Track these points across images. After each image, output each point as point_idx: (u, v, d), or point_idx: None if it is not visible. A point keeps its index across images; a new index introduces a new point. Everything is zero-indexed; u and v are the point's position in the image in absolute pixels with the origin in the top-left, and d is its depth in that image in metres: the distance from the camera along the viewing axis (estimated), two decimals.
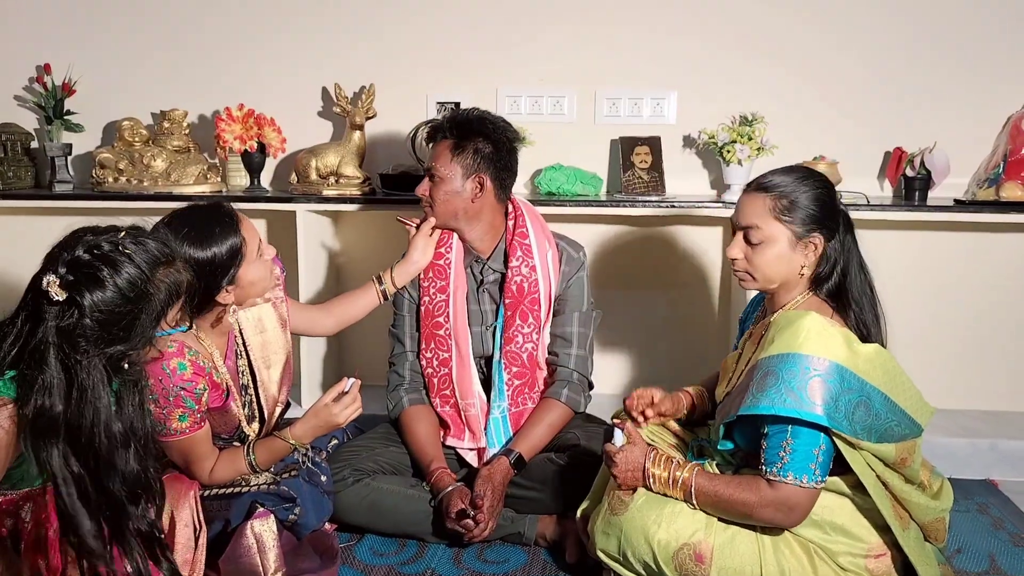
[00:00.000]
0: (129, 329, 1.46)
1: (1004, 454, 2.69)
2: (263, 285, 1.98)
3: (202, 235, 1.85)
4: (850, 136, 2.92)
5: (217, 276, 1.86)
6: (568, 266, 2.36)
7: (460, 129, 2.26)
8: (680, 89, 2.97)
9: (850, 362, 1.69)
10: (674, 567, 1.79)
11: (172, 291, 1.53)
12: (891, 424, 1.73)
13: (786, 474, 1.69)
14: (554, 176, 2.87)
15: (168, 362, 1.81)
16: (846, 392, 1.67)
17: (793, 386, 1.67)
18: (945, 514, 1.86)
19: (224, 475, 1.96)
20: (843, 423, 1.67)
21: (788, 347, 1.71)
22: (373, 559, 2.15)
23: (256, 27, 3.08)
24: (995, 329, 2.96)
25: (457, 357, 2.33)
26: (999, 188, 2.71)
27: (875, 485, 1.73)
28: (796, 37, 2.90)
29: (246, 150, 2.91)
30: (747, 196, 1.87)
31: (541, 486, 2.20)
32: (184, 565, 1.83)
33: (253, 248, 1.92)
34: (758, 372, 1.74)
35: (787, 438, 1.69)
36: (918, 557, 1.76)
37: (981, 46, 2.85)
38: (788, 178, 1.84)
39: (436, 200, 2.27)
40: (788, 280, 1.85)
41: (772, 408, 1.68)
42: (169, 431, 1.86)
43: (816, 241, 1.81)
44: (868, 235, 2.88)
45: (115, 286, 1.43)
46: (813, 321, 1.71)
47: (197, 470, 1.93)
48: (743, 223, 1.85)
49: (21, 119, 3.19)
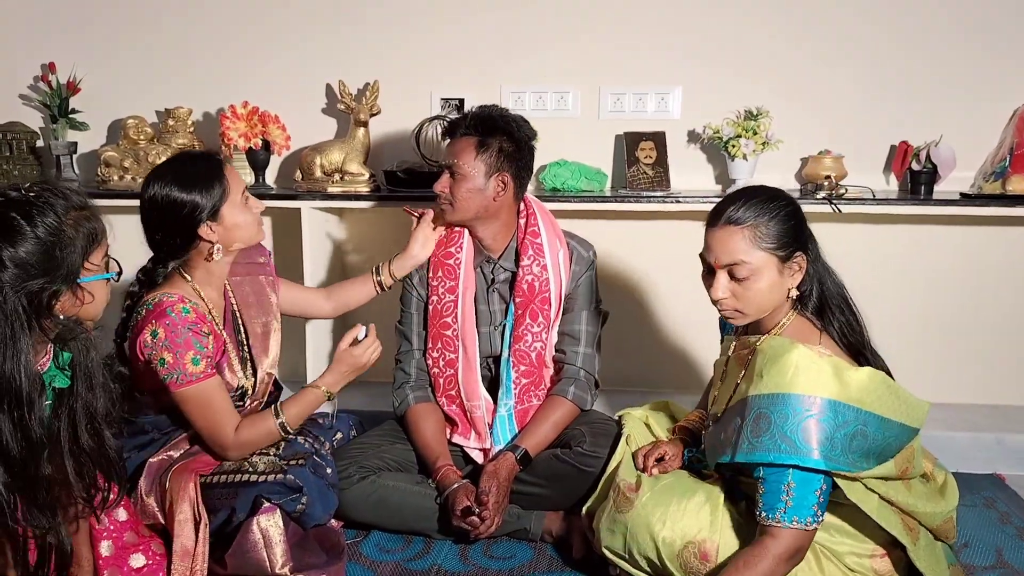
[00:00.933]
0: (47, 265, 1.44)
1: (1011, 448, 2.68)
2: (247, 232, 2.07)
3: (187, 172, 1.99)
4: (855, 130, 2.91)
5: (198, 212, 1.97)
6: (578, 265, 2.36)
7: (484, 126, 2.23)
8: (685, 84, 2.97)
9: (842, 395, 1.66)
10: (679, 565, 1.79)
11: (89, 234, 1.53)
12: (889, 440, 1.70)
13: (791, 519, 1.66)
14: (559, 172, 2.86)
15: (172, 307, 1.92)
16: (841, 427, 1.65)
17: (786, 431, 1.64)
18: (953, 513, 1.85)
19: (251, 437, 2.02)
20: (840, 460, 1.65)
21: (778, 387, 1.67)
22: (379, 555, 2.15)
23: (260, 25, 3.08)
24: (1001, 323, 2.95)
25: (464, 359, 2.32)
26: (1005, 181, 2.70)
27: (879, 509, 1.71)
28: (801, 31, 2.89)
29: (251, 148, 2.92)
30: (721, 232, 1.77)
31: (547, 482, 2.20)
32: (185, 556, 1.85)
33: (237, 191, 2.03)
34: (750, 412, 1.71)
35: (788, 481, 1.66)
36: (928, 565, 1.75)
37: (986, 39, 2.83)
38: (754, 205, 1.76)
39: (456, 197, 2.25)
40: (776, 306, 1.81)
41: (768, 456, 1.66)
42: (186, 376, 1.91)
43: (800, 261, 1.78)
44: (874, 229, 2.91)
45: (33, 234, 1.43)
46: (800, 356, 1.67)
47: (222, 432, 1.98)
48: (725, 261, 1.76)
49: (26, 118, 3.20)
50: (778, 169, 2.91)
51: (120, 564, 1.80)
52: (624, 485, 1.91)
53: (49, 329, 1.48)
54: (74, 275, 1.49)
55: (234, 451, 2.00)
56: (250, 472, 1.98)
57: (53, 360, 1.52)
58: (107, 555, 1.78)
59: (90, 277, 1.53)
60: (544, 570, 2.09)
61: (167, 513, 1.91)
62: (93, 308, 1.57)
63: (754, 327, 1.86)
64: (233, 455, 2.01)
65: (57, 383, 1.51)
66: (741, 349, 1.88)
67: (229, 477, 1.98)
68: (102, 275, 1.56)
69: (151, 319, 1.93)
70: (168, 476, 1.94)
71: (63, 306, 1.50)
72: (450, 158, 2.24)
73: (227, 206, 2.01)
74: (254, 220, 2.08)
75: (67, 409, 1.51)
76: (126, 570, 1.80)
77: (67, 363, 1.52)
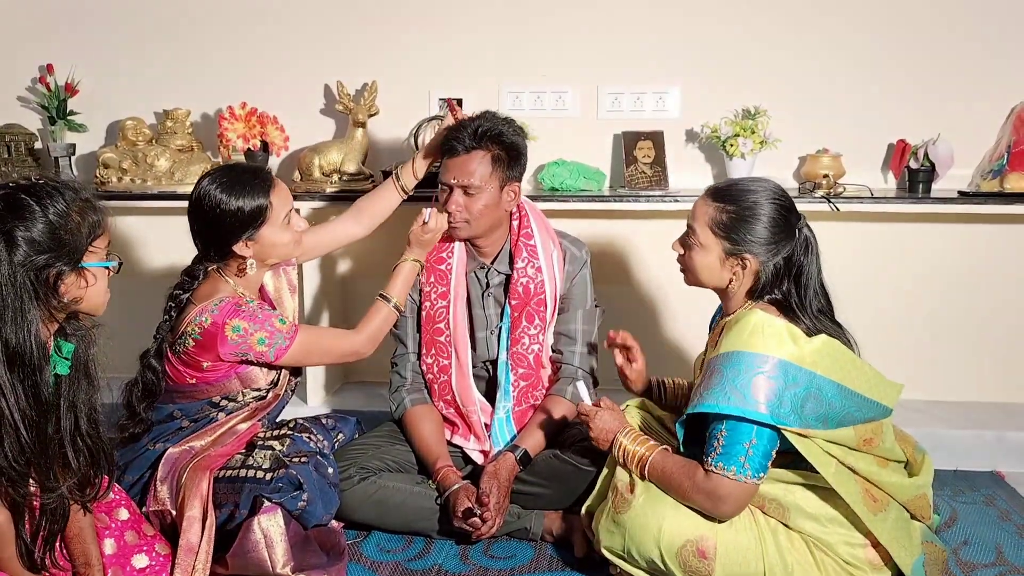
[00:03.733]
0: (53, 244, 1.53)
1: (1011, 446, 2.69)
2: (284, 251, 2.13)
3: (235, 186, 2.03)
4: (853, 128, 2.91)
5: (237, 228, 2.03)
6: (572, 265, 2.36)
7: (491, 139, 2.20)
8: (683, 83, 2.97)
9: (795, 356, 1.72)
10: (679, 564, 1.80)
11: (94, 222, 1.61)
12: (850, 409, 1.75)
13: (716, 464, 1.75)
14: (557, 172, 2.87)
15: (237, 302, 2.02)
16: (791, 387, 1.71)
17: (737, 384, 1.71)
18: (925, 490, 1.88)
19: (374, 331, 2.18)
20: (790, 417, 1.70)
21: (733, 345, 1.75)
22: (380, 555, 2.15)
23: (258, 25, 3.08)
24: (999, 320, 2.95)
25: (456, 365, 2.33)
26: (1003, 179, 2.71)
27: (837, 473, 1.76)
28: (798, 29, 2.89)
29: (249, 148, 2.92)
30: (701, 198, 1.91)
31: (547, 482, 2.20)
32: (189, 552, 1.85)
33: (280, 214, 2.07)
34: (706, 371, 1.79)
35: (722, 429, 1.74)
36: (892, 540, 1.77)
37: (983, 37, 2.84)
38: (745, 196, 1.84)
39: (473, 213, 2.21)
40: (719, 289, 1.91)
41: (716, 407, 1.73)
42: (285, 336, 2.03)
43: (747, 260, 1.83)
44: (872, 228, 2.91)
45: (43, 215, 1.52)
46: (758, 318, 1.76)
47: (345, 347, 2.15)
48: (688, 222, 1.91)
49: (25, 120, 3.20)
50: (776, 168, 2.91)
51: (123, 564, 1.80)
52: (622, 485, 1.91)
53: (55, 310, 1.56)
54: (78, 256, 1.57)
55: (367, 348, 2.18)
56: (255, 469, 1.99)
57: (55, 349, 1.58)
58: (110, 553, 1.79)
59: (93, 263, 1.60)
60: (544, 569, 2.09)
61: (178, 507, 1.92)
62: (95, 296, 1.63)
63: (724, 312, 1.96)
64: (369, 350, 2.18)
65: (59, 369, 1.58)
66: (716, 335, 1.94)
67: (235, 473, 1.99)
68: (104, 263, 1.64)
69: (223, 322, 1.98)
70: (185, 472, 1.95)
71: (68, 288, 1.57)
72: (462, 177, 2.19)
73: (267, 227, 2.05)
74: (291, 240, 2.12)
75: (68, 398, 1.59)
76: (128, 570, 1.81)
77: (69, 353, 1.59)
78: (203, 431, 2.08)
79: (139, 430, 2.07)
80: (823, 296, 1.87)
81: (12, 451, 1.49)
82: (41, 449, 1.54)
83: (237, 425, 2.12)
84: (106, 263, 1.64)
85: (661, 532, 1.81)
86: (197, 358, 2.02)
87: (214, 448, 2.04)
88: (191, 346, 2.01)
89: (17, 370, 1.49)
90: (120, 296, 1.87)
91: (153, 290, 2.38)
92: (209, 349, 2.00)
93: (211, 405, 2.10)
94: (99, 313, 1.67)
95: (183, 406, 2.09)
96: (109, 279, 1.67)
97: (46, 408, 1.54)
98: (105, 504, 1.82)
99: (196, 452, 2.02)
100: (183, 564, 1.85)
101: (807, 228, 1.86)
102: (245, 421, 2.13)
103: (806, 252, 1.84)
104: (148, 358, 2.08)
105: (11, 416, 1.48)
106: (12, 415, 1.48)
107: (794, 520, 1.81)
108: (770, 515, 1.83)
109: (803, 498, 1.81)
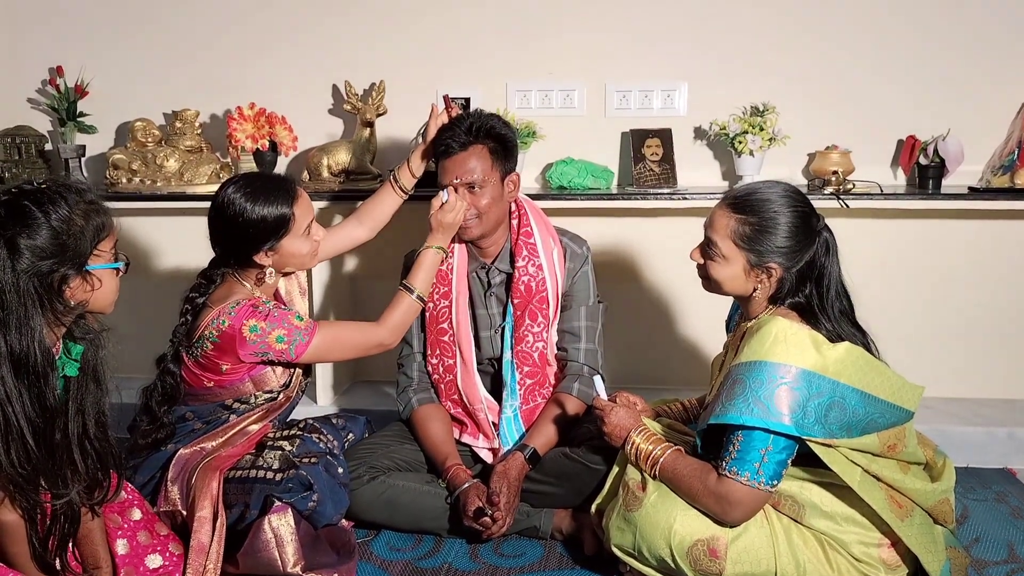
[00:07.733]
0: (56, 249, 1.53)
1: (1022, 443, 2.67)
2: (303, 260, 2.14)
3: (259, 195, 2.03)
4: (862, 125, 2.90)
5: (258, 237, 2.03)
6: (572, 262, 2.36)
7: (486, 132, 2.22)
8: (691, 80, 2.96)
9: (818, 365, 1.70)
10: (689, 563, 1.79)
11: (98, 224, 1.61)
12: (873, 416, 1.74)
13: (731, 468, 1.74)
14: (565, 170, 2.87)
15: (254, 303, 2.02)
16: (815, 397, 1.69)
17: (760, 395, 1.69)
18: (948, 495, 1.86)
19: (398, 321, 2.17)
20: (815, 428, 1.69)
21: (755, 355, 1.73)
22: (390, 554, 2.16)
23: (266, 26, 3.09)
24: (1012, 316, 2.93)
25: (461, 364, 2.33)
26: (1014, 175, 2.69)
27: (862, 481, 1.74)
28: (807, 26, 2.88)
29: (258, 149, 2.92)
30: (720, 209, 1.86)
31: (556, 480, 2.21)
32: (200, 552, 1.86)
33: (302, 225, 2.08)
34: (728, 380, 1.77)
35: (738, 435, 1.73)
36: (920, 545, 1.76)
37: (993, 32, 2.82)
38: (765, 206, 1.81)
39: (482, 209, 2.23)
40: (742, 296, 1.88)
41: (740, 419, 1.71)
42: (305, 332, 2.02)
43: (773, 268, 1.81)
44: (882, 224, 2.90)
45: (46, 222, 1.52)
46: (780, 326, 1.73)
47: (368, 339, 2.14)
48: (707, 234, 1.87)
49: (35, 121, 3.22)
50: (785, 165, 2.91)
51: (136, 564, 1.82)
52: (633, 483, 1.91)
53: (61, 314, 1.56)
54: (83, 260, 1.57)
55: (391, 338, 2.17)
56: (265, 469, 2.00)
57: (63, 351, 1.59)
58: (123, 554, 1.80)
59: (99, 265, 1.60)
60: (554, 568, 2.09)
61: (189, 508, 1.93)
62: (103, 297, 1.63)
63: (744, 316, 1.93)
64: (394, 341, 2.18)
65: (68, 371, 1.59)
66: (737, 339, 1.91)
67: (245, 473, 2.00)
68: (111, 264, 1.64)
69: (241, 323, 1.98)
70: (195, 473, 1.96)
71: (73, 292, 1.57)
72: (464, 175, 2.20)
73: (288, 237, 2.06)
74: (310, 250, 2.13)
75: (77, 401, 1.60)
76: (142, 570, 1.82)
77: (79, 355, 1.60)
78: (215, 432, 2.09)
79: (162, 435, 2.07)
80: (844, 296, 1.85)
81: (19, 457, 1.50)
82: (48, 454, 1.54)
83: (248, 426, 2.13)
84: (113, 264, 1.64)
85: (672, 530, 1.80)
86: (216, 361, 2.03)
87: (225, 449, 2.05)
88: (209, 349, 2.02)
89: (23, 377, 1.50)
90: (129, 297, 1.88)
91: (163, 291, 2.40)
92: (228, 351, 2.01)
93: (223, 407, 2.11)
94: (108, 312, 1.68)
95: (196, 408, 2.10)
96: (119, 279, 1.67)
97: (53, 413, 1.54)
98: (118, 504, 1.83)
99: (207, 453, 2.03)
100: (194, 564, 1.86)
101: (826, 229, 1.85)
102: (256, 422, 2.14)
103: (827, 253, 1.83)
104: (166, 363, 2.08)
105: (17, 423, 1.49)
106: (18, 421, 1.49)
107: (809, 518, 1.80)
108: (785, 513, 1.83)
109: (819, 496, 1.80)
